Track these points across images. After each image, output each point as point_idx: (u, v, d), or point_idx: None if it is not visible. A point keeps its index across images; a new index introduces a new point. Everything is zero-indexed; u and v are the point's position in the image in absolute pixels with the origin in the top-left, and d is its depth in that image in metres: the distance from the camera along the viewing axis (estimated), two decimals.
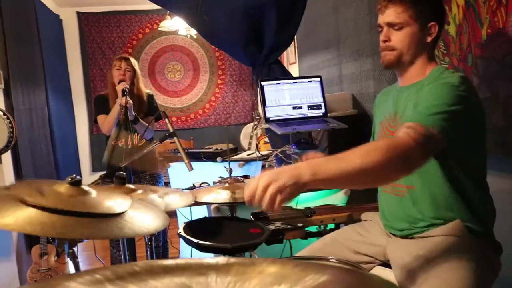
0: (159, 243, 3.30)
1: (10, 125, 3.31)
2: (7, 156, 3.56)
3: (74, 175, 1.06)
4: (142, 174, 3.20)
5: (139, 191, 1.59)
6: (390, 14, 1.60)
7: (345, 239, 1.82)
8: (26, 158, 3.88)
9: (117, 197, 1.10)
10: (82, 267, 4.25)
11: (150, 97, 3.36)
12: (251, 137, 5.22)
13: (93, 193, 1.07)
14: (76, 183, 1.07)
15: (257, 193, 1.21)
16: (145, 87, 3.39)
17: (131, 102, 3.02)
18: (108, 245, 3.49)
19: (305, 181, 1.21)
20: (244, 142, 5.63)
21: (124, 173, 1.58)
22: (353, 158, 1.26)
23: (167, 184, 5.42)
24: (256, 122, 5.39)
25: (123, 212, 1.02)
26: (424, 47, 1.62)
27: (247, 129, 6.00)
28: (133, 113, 3.08)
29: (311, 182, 1.22)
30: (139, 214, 1.08)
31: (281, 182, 1.19)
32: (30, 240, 3.74)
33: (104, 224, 0.96)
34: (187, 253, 3.29)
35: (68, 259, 4.11)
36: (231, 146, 3.65)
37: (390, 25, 1.61)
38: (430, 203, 1.58)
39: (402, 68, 1.67)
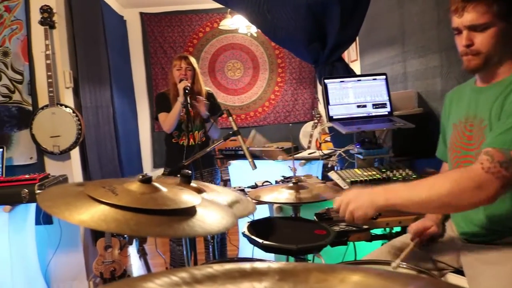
0: (217, 240, 3.32)
1: (79, 122, 3.45)
2: (76, 152, 3.70)
3: (145, 173, 1.07)
4: (202, 171, 3.23)
5: (204, 194, 1.57)
6: (471, 16, 1.44)
7: None
8: (92, 154, 4.02)
9: (188, 193, 1.10)
10: None
11: (210, 95, 3.38)
12: (311, 136, 5.18)
13: (164, 190, 1.07)
14: (147, 181, 1.08)
15: (341, 208, 1.51)
16: (205, 85, 3.42)
17: (205, 101, 3.02)
18: (167, 240, 3.55)
19: (379, 205, 1.44)
20: (303, 140, 5.59)
21: (190, 171, 1.58)
22: (421, 189, 1.40)
23: (226, 181, 5.48)
24: (316, 121, 5.34)
25: (195, 209, 1.02)
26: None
27: (306, 128, 5.95)
28: (207, 112, 3.11)
29: (384, 206, 1.45)
30: (208, 212, 1.07)
31: (358, 203, 1.46)
32: (95, 233, 3.87)
33: (176, 223, 0.95)
34: (247, 252, 3.30)
35: (138, 256, 4.24)
36: (290, 145, 3.62)
37: (472, 27, 1.45)
38: (509, 211, 1.47)
39: (489, 70, 1.51)
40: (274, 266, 0.65)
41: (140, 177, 1.08)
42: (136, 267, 4.29)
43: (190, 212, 1.02)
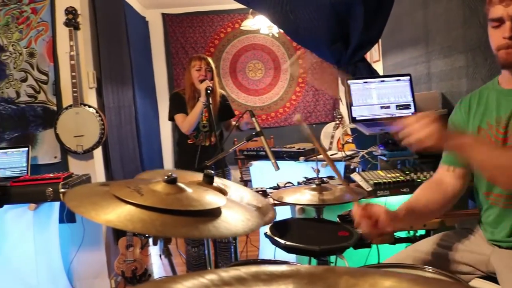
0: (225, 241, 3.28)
1: (102, 122, 3.48)
2: (98, 152, 3.74)
3: (170, 173, 1.07)
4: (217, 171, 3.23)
5: (228, 195, 1.57)
6: None
7: (441, 247, 1.70)
8: (115, 153, 4.05)
9: (212, 194, 1.10)
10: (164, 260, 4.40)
11: (224, 97, 3.39)
12: (332, 137, 5.14)
13: (189, 190, 1.07)
14: (172, 181, 1.08)
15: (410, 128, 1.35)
16: (225, 86, 3.42)
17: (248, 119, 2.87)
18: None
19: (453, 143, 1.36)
20: (324, 141, 5.55)
21: (213, 171, 1.57)
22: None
23: (247, 182, 5.47)
24: (337, 122, 5.30)
25: (220, 210, 1.01)
26: None
27: (327, 129, 5.91)
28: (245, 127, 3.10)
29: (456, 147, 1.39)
30: (233, 213, 1.07)
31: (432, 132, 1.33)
32: (117, 232, 3.91)
33: (201, 224, 0.95)
34: (267, 252, 3.29)
35: (162, 256, 4.27)
36: (312, 146, 3.59)
37: None
38: None
39: None
40: (303, 269, 0.64)
41: (166, 177, 1.08)
42: (156, 266, 4.31)
43: (215, 213, 1.02)
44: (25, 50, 3.52)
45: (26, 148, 3.35)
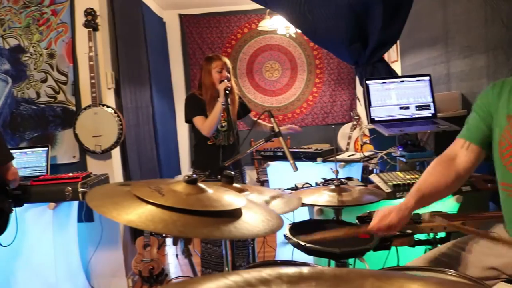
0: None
1: (120, 122, 3.51)
2: (116, 152, 3.77)
3: (191, 174, 1.07)
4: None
5: (246, 192, 1.58)
6: None
7: (464, 251, 1.67)
8: (132, 154, 4.08)
9: (233, 194, 1.10)
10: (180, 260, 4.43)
11: (239, 97, 3.39)
12: (349, 138, 5.11)
13: (210, 191, 1.07)
14: (193, 182, 1.08)
15: None
16: (242, 86, 3.42)
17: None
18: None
19: None
20: (341, 142, 5.52)
21: (232, 172, 1.57)
22: None
23: (263, 182, 5.47)
24: (354, 122, 5.26)
25: (240, 211, 1.01)
26: None
27: (344, 130, 5.88)
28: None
29: None
30: (254, 214, 1.06)
31: None
32: (134, 231, 3.93)
33: (222, 224, 0.95)
34: (284, 254, 3.28)
35: (183, 256, 4.27)
36: (329, 146, 3.58)
37: None
38: None
39: None
40: (326, 271, 0.64)
41: (186, 177, 1.08)
42: (173, 266, 4.34)
43: (236, 213, 1.01)
44: (45, 51, 3.56)
45: (46, 148, 3.39)
